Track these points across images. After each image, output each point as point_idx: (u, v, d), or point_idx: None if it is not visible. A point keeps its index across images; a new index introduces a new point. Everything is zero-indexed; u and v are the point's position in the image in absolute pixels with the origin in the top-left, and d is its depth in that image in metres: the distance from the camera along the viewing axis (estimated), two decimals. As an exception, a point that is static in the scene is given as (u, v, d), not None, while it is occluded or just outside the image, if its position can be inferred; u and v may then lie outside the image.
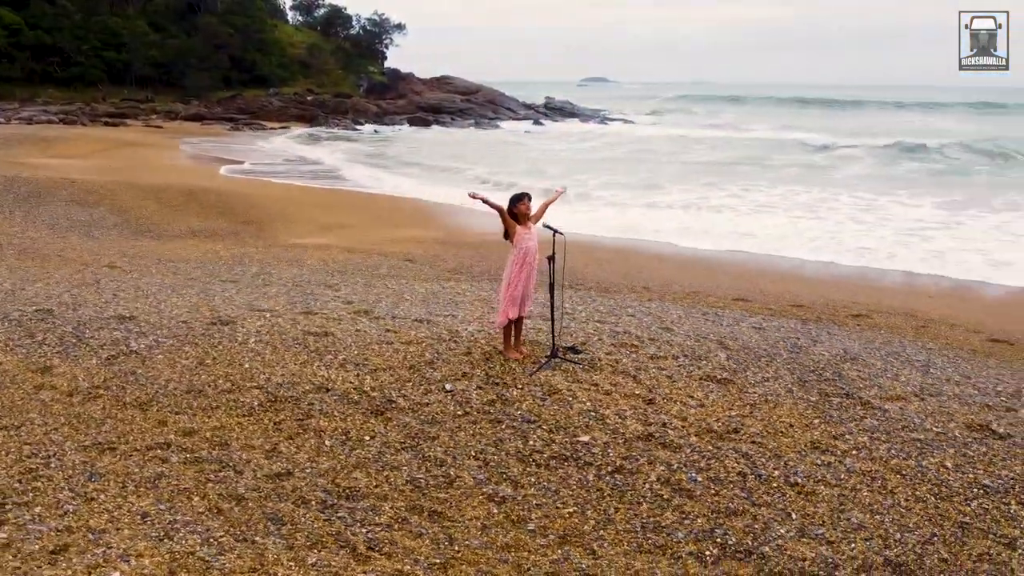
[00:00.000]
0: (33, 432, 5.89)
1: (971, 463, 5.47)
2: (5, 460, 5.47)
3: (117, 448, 5.70)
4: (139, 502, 5.02)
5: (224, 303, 9.10)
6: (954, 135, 44.07)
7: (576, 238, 17.67)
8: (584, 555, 4.55)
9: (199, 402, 6.43)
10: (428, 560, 4.51)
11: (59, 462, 5.47)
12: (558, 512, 4.96)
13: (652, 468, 5.37)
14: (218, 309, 8.74)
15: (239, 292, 9.93)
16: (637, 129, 49.94)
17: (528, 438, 5.80)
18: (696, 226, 19.33)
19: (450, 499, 5.12)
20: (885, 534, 4.66)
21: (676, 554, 4.54)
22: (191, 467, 5.46)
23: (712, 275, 13.81)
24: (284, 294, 9.88)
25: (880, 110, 72.38)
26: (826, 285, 13.52)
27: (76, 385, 6.70)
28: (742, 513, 4.87)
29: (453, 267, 13.55)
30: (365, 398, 6.44)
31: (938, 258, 16.05)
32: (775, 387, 6.66)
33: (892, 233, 18.76)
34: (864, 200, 23.54)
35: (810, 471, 5.30)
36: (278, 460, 5.58)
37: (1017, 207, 22.55)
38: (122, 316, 8.36)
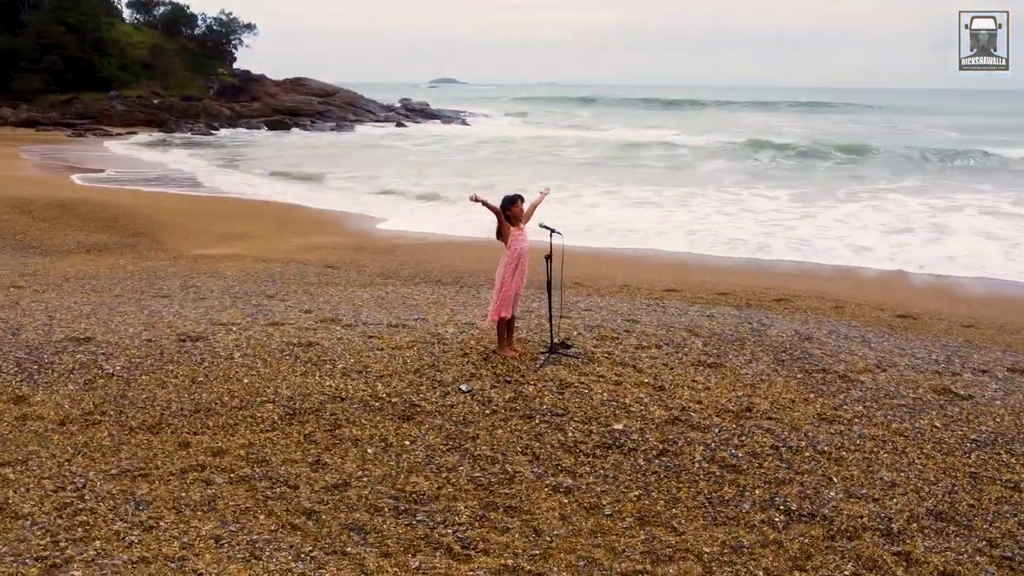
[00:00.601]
0: (45, 465, 5.54)
1: (954, 422, 6.21)
2: (31, 496, 5.13)
3: (149, 474, 5.46)
4: (203, 526, 4.88)
5: (178, 319, 8.73)
6: (794, 134, 47.67)
7: (482, 241, 17.80)
8: (667, 533, 4.85)
9: (214, 421, 6.23)
10: (527, 552, 4.67)
11: (93, 493, 5.19)
12: (625, 496, 5.23)
13: (693, 448, 5.74)
14: (176, 325, 8.38)
15: (183, 307, 9.54)
16: (502, 129, 50.71)
17: (565, 430, 6.03)
18: (581, 223, 19.90)
19: (518, 494, 5.28)
20: (916, 488, 5.25)
21: (750, 523, 4.93)
22: (241, 486, 5.33)
23: (628, 269, 14.44)
24: (231, 307, 9.57)
25: (721, 109, 76.99)
26: (734, 274, 14.46)
27: (65, 413, 6.32)
28: (790, 482, 5.33)
29: (380, 272, 13.48)
30: (387, 404, 6.45)
31: (807, 246, 17.48)
32: (761, 368, 7.22)
33: (758, 224, 20.19)
34: (729, 194, 25.10)
35: (830, 440, 5.85)
36: (328, 472, 5.53)
37: (859, 198, 24.75)
38: (77, 338, 7.87)
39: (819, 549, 4.65)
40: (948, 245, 17.44)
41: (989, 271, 15.04)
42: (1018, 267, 15.44)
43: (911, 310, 11.28)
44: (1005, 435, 5.98)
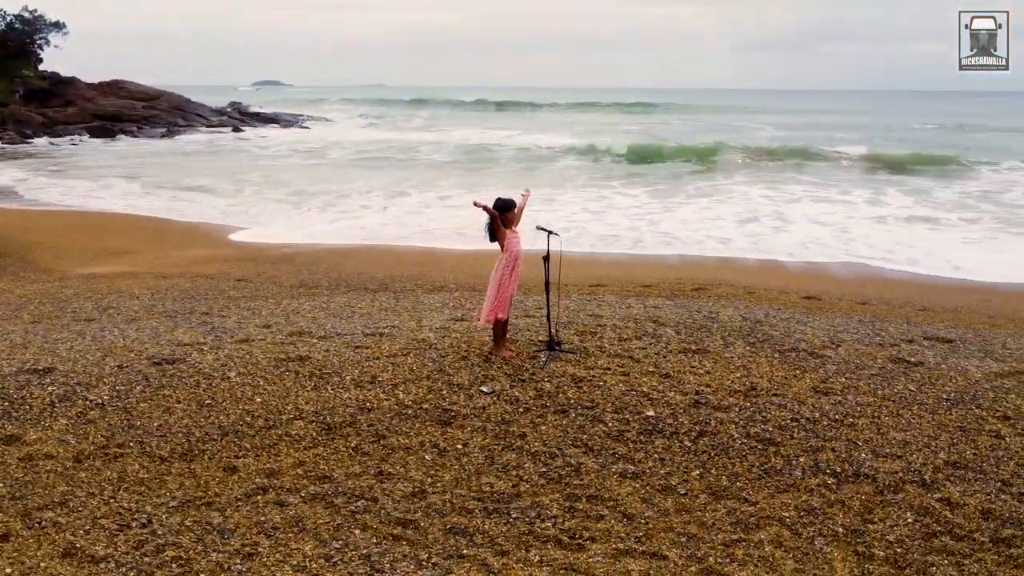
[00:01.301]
0: (90, 504, 5.22)
1: (923, 386, 7.10)
2: (97, 538, 4.84)
3: (213, 502, 5.28)
4: (304, 546, 4.82)
5: (133, 342, 8.27)
6: (629, 133, 50.16)
7: (377, 247, 17.72)
8: (743, 504, 5.30)
9: (249, 443, 6.06)
10: (631, 536, 4.96)
11: (164, 527, 4.97)
12: (689, 476, 5.64)
13: (726, 427, 6.24)
14: (137, 349, 7.95)
15: (124, 329, 9.00)
16: (348, 133, 49.77)
17: (604, 421, 6.35)
18: (466, 225, 20.12)
19: (591, 484, 5.55)
20: (925, 444, 6.01)
21: (808, 488, 5.48)
22: (317, 504, 5.27)
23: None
24: (178, 326, 9.14)
25: (554, 111, 79.35)
26: (635, 266, 15.29)
27: (76, 448, 5.92)
28: (822, 448, 5.95)
29: (299, 283, 13.17)
30: (420, 412, 6.51)
31: (677, 239, 18.73)
32: (740, 351, 7.87)
33: (626, 219, 21.37)
34: (592, 192, 26.26)
35: (836, 409, 6.54)
36: (398, 481, 5.56)
37: (706, 194, 26.65)
38: (36, 370, 7.31)
39: (876, 504, 5.27)
40: (794, 233, 19.18)
41: (838, 254, 16.78)
42: (862, 250, 17.33)
43: (811, 292, 12.45)
44: (967, 393, 6.92)
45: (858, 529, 5.02)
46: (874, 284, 13.91)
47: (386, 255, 16.67)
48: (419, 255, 16.44)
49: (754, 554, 4.77)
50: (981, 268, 15.52)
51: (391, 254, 16.82)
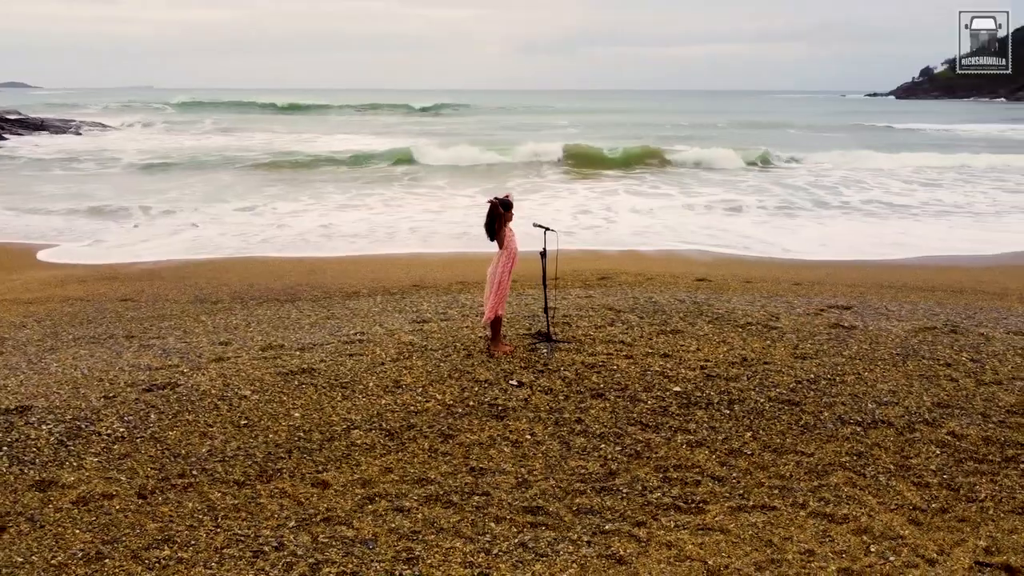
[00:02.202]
0: (199, 538, 4.98)
1: (871, 345, 8.26)
2: (234, 567, 4.67)
3: (330, 517, 5.22)
4: (454, 544, 4.92)
5: (92, 371, 7.69)
6: (437, 135, 50.62)
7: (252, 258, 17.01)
8: (804, 457, 6.01)
9: (322, 456, 5.97)
10: (735, 494, 5.51)
11: (303, 547, 4.88)
12: (744, 438, 6.28)
13: (747, 394, 6.97)
14: (108, 379, 7.41)
15: (58, 360, 8.26)
16: (137, 140, 46.00)
17: (643, 400, 6.86)
18: (312, 231, 19.69)
19: (670, 455, 6.03)
20: (907, 391, 7.08)
21: (844, 436, 6.31)
22: (436, 505, 5.36)
23: (423, 270, 15.01)
24: (123, 353, 8.52)
25: (349, 113, 77.68)
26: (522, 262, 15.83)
27: (132, 484, 5.56)
28: (835, 404, 6.83)
29: (196, 298, 12.46)
30: (470, 409, 6.67)
31: (528, 235, 19.55)
32: (709, 329, 8.68)
33: (461, 218, 21.86)
34: (419, 193, 26.37)
35: (824, 371, 7.48)
36: (496, 474, 5.74)
37: (541, 188, 27.87)
38: (6, 410, 6.62)
39: (903, 443, 6.20)
40: (628, 224, 20.62)
41: (677, 243, 18.38)
42: (697, 237, 19.08)
43: (698, 275, 13.68)
44: (907, 348, 8.16)
45: (904, 464, 5.91)
46: (737, 265, 15.43)
47: (260, 266, 16.01)
48: (297, 265, 15.96)
49: (839, 495, 5.50)
50: (806, 248, 17.71)
51: (265, 265, 16.18)
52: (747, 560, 4.73)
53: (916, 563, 4.72)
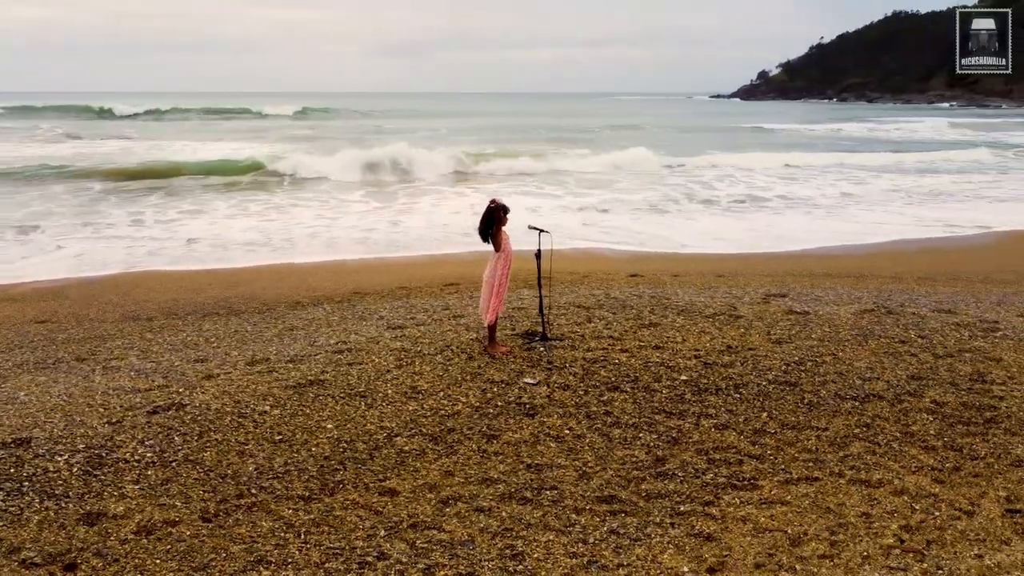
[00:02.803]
0: (291, 554, 4.92)
1: (831, 327, 9.00)
2: (348, 579, 4.64)
3: (416, 523, 5.29)
4: (550, 537, 5.09)
5: (71, 399, 7.25)
6: (299, 140, 49.25)
7: (156, 272, 16.18)
8: (820, 431, 6.55)
9: (378, 465, 5.97)
10: (777, 469, 5.96)
11: (402, 553, 4.91)
12: (761, 418, 6.75)
13: (747, 379, 7.47)
14: (99, 403, 7.06)
15: (23, 388, 7.71)
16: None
17: (655, 389, 7.22)
18: (200, 240, 18.97)
19: (702, 439, 6.41)
20: (882, 368, 7.80)
21: (847, 411, 6.90)
22: (513, 503, 5.51)
23: (353, 277, 14.78)
24: (92, 376, 8.06)
25: (211, 118, 73.71)
26: (437, 266, 15.95)
27: (190, 509, 5.38)
28: (828, 382, 7.43)
29: (125, 316, 11.81)
30: (500, 410, 6.82)
31: (437, 239, 19.67)
32: (683, 320, 9.17)
33: (356, 222, 21.68)
34: (305, 199, 25.77)
35: (804, 353, 8.08)
36: (554, 469, 5.93)
37: (423, 193, 27.88)
38: (4, 443, 6.21)
39: (899, 413, 6.86)
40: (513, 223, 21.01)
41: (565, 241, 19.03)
42: (589, 233, 19.81)
43: (629, 272, 14.26)
44: (861, 329, 8.96)
45: (907, 432, 6.57)
46: (655, 261, 16.16)
47: (171, 280, 15.25)
48: (211, 277, 15.32)
49: (865, 462, 6.06)
50: (702, 243, 18.76)
51: (176, 279, 15.41)
52: (819, 526, 5.17)
53: (958, 515, 5.31)
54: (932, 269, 14.48)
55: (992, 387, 7.35)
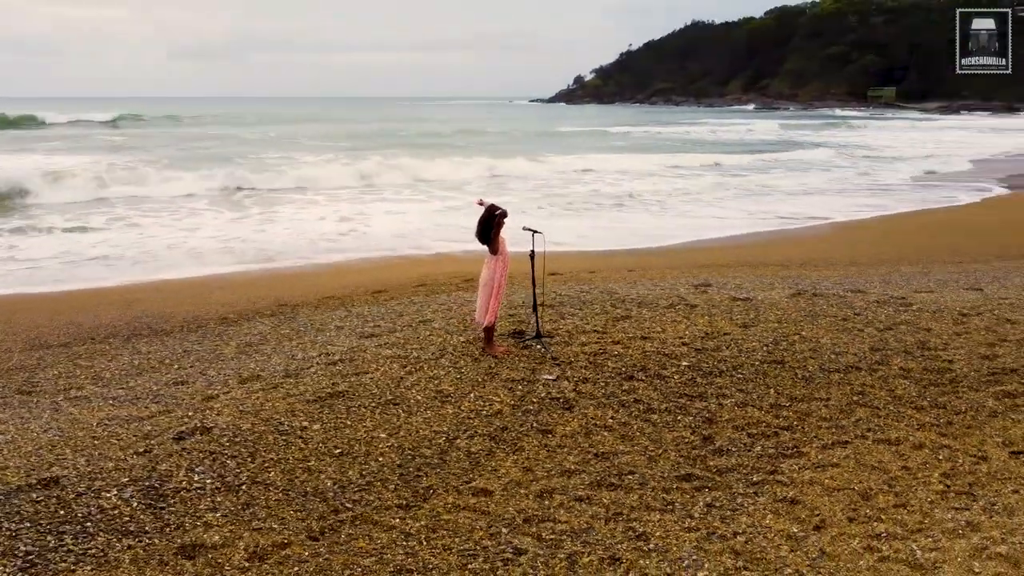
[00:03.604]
0: (429, 559, 4.95)
1: (780, 310, 9.87)
2: None
3: (529, 518, 5.43)
4: (669, 517, 5.41)
5: (74, 431, 6.76)
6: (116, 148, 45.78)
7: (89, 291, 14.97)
8: (821, 401, 7.24)
9: (454, 467, 6.02)
10: (809, 437, 6.57)
11: (537, 547, 5.04)
12: (769, 394, 7.36)
13: (739, 360, 8.08)
14: (107, 434, 6.61)
15: (25, 419, 7.07)
16: None
17: (666, 376, 7.66)
18: (43, 259, 17.62)
19: (733, 417, 6.93)
20: (844, 341, 8.65)
21: (836, 382, 7.64)
22: (603, 489, 5.79)
23: (262, 290, 14.25)
24: (78, 404, 7.48)
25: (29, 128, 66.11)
26: (357, 272, 15.66)
27: (287, 529, 5.28)
28: (807, 359, 8.19)
29: (32, 344, 10.82)
30: (540, 407, 7.02)
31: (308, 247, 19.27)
32: (648, 312, 9.70)
33: (216, 232, 20.89)
34: (153, 211, 24.31)
35: (772, 335, 8.79)
36: (621, 455, 6.24)
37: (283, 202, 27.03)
38: (30, 485, 5.74)
39: (880, 380, 7.72)
40: (387, 227, 20.95)
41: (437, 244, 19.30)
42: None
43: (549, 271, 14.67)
44: (805, 310, 9.89)
45: (895, 396, 7.42)
46: (561, 260, 16.64)
47: (48, 304, 13.96)
48: (99, 297, 14.21)
49: (877, 424, 6.82)
50: (571, 240, 19.38)
51: (53, 302, 14.10)
52: (875, 482, 5.81)
53: (976, 461, 6.14)
54: (794, 256, 15.95)
55: (938, 352, 8.41)
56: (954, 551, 4.88)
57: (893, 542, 5.02)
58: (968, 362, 8.17)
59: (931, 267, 14.27)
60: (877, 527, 5.19)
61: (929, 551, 4.90)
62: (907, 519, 5.29)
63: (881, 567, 4.74)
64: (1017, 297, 10.87)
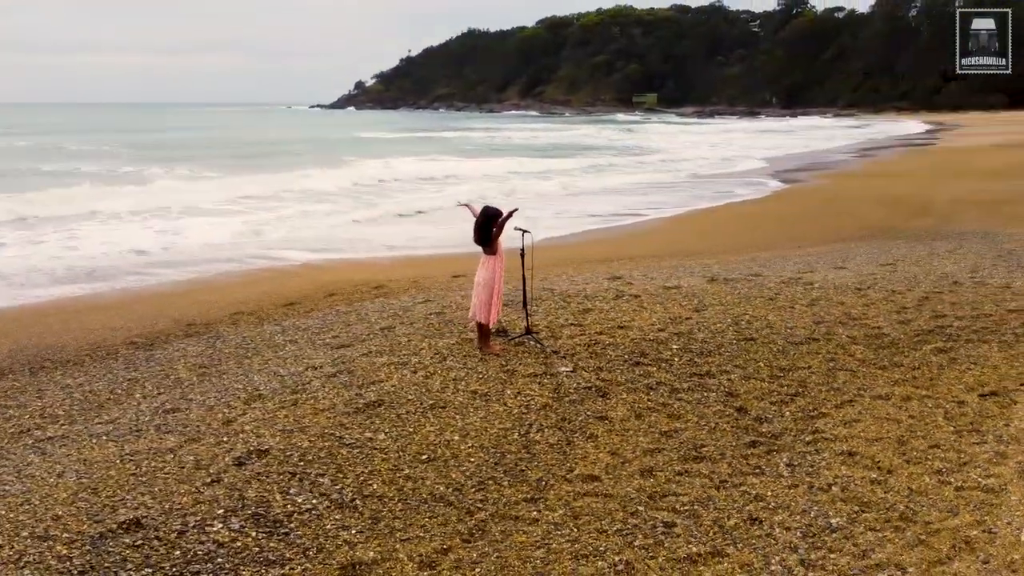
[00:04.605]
0: (611, 539, 5.15)
1: (711, 295, 10.77)
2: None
3: (659, 493, 5.71)
4: (756, 489, 5.95)
5: (102, 462, 6.25)
6: None
7: None
8: (808, 370, 8.11)
9: (547, 459, 6.22)
10: (824, 396, 7.38)
11: (714, 511, 5.40)
12: (761, 367, 8.15)
13: (716, 339, 8.79)
14: (152, 469, 6.20)
15: (26, 456, 6.38)
16: None
17: (668, 359, 8.22)
18: None
19: (750, 390, 7.59)
20: (787, 318, 9.65)
21: (810, 352, 8.58)
22: (693, 463, 6.22)
23: (153, 307, 13.22)
24: (75, 444, 6.84)
25: None
26: (257, 284, 14.88)
27: (437, 536, 5.30)
28: (772, 335, 9.02)
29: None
30: (577, 395, 7.32)
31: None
32: (602, 305, 10.23)
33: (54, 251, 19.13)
34: None
35: (731, 317, 9.63)
36: (685, 433, 6.70)
37: None
38: (121, 524, 5.36)
39: (841, 347, 8.72)
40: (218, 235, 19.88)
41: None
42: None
43: (453, 273, 14.79)
44: (732, 293, 10.90)
45: (860, 359, 8.42)
46: (429, 265, 16.77)
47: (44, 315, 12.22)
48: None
49: (862, 386, 7.75)
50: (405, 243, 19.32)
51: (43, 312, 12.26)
52: (901, 430, 6.69)
53: (958, 405, 7.22)
54: (646, 250, 17.25)
55: (865, 321, 9.64)
56: (1005, 475, 5.80)
57: (955, 475, 5.87)
58: (893, 327, 9.44)
59: (780, 252, 15.93)
60: (933, 464, 6.04)
61: (987, 477, 5.79)
62: (949, 456, 6.19)
63: (963, 495, 5.55)
64: (881, 273, 12.60)
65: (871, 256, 14.56)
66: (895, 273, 12.59)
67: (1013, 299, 10.70)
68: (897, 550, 4.92)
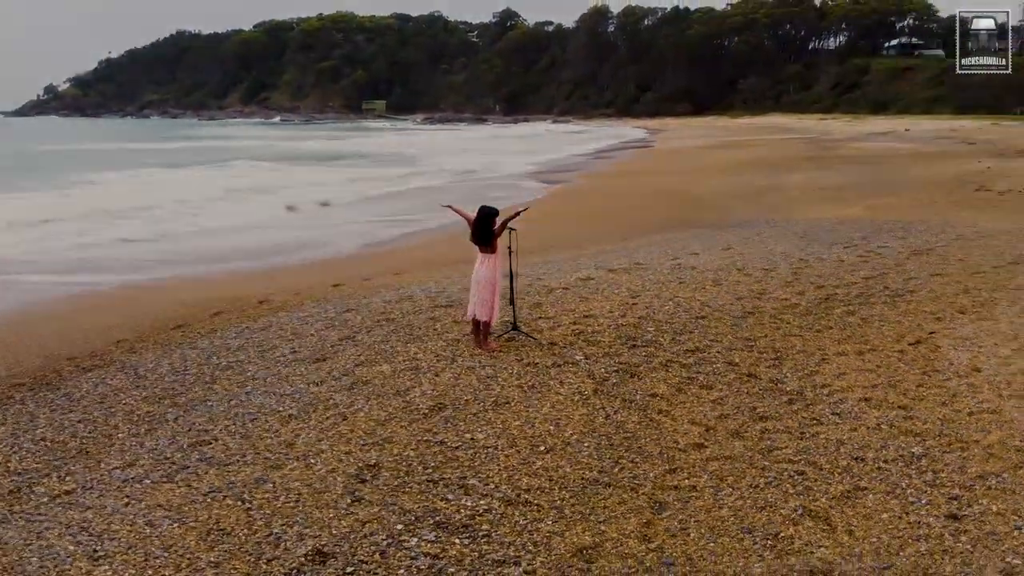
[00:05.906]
0: (783, 487, 5.74)
1: (652, 281, 11.64)
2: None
3: (775, 448, 6.39)
4: (783, 455, 6.86)
5: (186, 501, 5.86)
6: None
7: None
8: (795, 337, 9.25)
9: (647, 435, 6.63)
10: (818, 360, 8.51)
11: (792, 470, 6.14)
12: (746, 338, 9.13)
13: (682, 320, 9.70)
14: (249, 493, 5.94)
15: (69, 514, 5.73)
16: None
17: (658, 341, 8.94)
18: None
19: (756, 361, 8.50)
20: (730, 296, 10.82)
21: (768, 323, 9.74)
22: (763, 422, 6.97)
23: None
24: (118, 479, 6.24)
25: None
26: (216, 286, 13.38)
27: (629, 512, 5.62)
28: (724, 308, 10.10)
29: None
30: (614, 379, 7.80)
31: None
32: (548, 298, 10.74)
33: None
34: None
35: (680, 299, 10.54)
36: (728, 405, 7.45)
37: None
38: (307, 555, 5.17)
39: (793, 315, 9.96)
40: None
41: None
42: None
43: (332, 283, 14.38)
44: (670, 279, 11.87)
45: (815, 324, 9.67)
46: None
47: None
48: None
49: (831, 342, 9.01)
50: None
51: None
52: (887, 375, 7.93)
53: (903, 354, 8.64)
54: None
55: (769, 294, 10.99)
56: (992, 399, 7.20)
57: (964, 400, 7.17)
58: (795, 298, 10.86)
59: (611, 244, 16.85)
60: (942, 396, 7.31)
61: (981, 403, 7.15)
62: (943, 388, 7.50)
63: (977, 418, 6.82)
64: (731, 257, 13.97)
65: (705, 244, 16.09)
66: (744, 256, 14.17)
67: (856, 269, 12.67)
68: (977, 465, 6.01)
